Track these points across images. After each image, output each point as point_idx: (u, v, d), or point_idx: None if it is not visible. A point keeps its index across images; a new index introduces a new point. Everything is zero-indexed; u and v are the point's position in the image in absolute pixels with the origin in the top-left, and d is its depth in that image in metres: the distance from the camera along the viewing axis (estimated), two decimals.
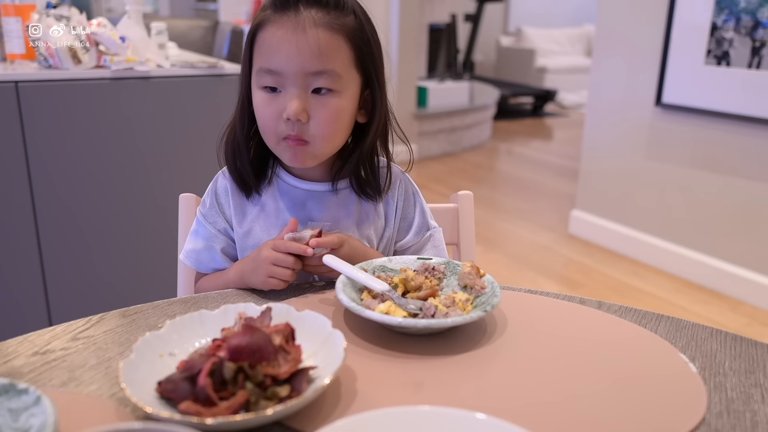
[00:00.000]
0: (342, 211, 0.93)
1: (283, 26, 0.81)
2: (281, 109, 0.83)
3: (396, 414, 0.53)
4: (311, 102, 0.83)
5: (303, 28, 0.80)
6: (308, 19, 0.81)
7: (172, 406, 0.56)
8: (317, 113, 0.83)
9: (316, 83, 0.82)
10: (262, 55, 0.83)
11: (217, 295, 0.84)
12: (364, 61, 0.86)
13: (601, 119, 3.03)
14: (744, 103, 2.37)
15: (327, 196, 0.93)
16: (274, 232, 0.92)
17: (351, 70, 0.85)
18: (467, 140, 5.19)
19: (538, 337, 0.73)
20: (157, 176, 1.91)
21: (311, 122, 0.83)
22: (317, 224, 0.91)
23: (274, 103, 0.84)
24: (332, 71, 0.82)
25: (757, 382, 0.64)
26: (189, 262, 0.96)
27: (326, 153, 0.88)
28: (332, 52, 0.82)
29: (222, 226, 0.94)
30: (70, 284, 1.86)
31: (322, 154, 0.88)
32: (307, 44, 0.80)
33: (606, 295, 2.55)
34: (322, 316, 0.68)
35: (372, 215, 0.95)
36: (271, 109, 0.84)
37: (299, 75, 0.81)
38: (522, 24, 7.86)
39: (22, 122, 1.71)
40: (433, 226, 0.99)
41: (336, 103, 0.84)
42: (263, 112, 0.85)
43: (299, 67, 0.81)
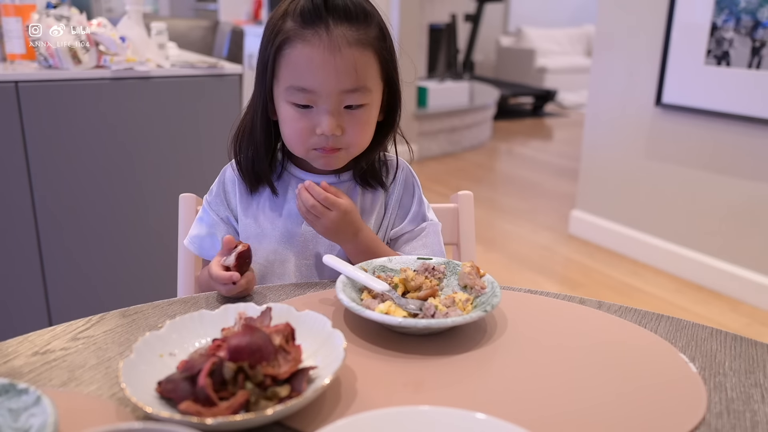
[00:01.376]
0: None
1: (316, 46, 0.81)
2: (313, 125, 0.84)
3: (396, 414, 0.53)
4: (344, 116, 0.85)
5: (338, 48, 0.81)
6: (341, 38, 0.81)
7: (172, 406, 0.56)
8: (350, 126, 0.85)
9: (350, 100, 0.84)
10: (293, 73, 0.83)
11: (217, 295, 0.84)
12: (387, 69, 0.88)
13: (601, 119, 3.03)
14: (744, 103, 2.37)
15: None
16: (278, 222, 0.93)
17: (378, 82, 0.87)
18: (467, 140, 5.19)
19: (538, 337, 0.73)
20: (157, 176, 1.91)
21: (345, 135, 0.86)
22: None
23: (306, 119, 0.85)
24: (365, 87, 0.84)
25: (757, 382, 0.64)
26: (192, 247, 0.97)
27: (356, 154, 0.91)
28: (365, 69, 0.84)
29: (225, 214, 0.96)
30: (70, 284, 1.86)
31: (353, 155, 0.91)
32: (344, 65, 0.81)
33: (606, 295, 2.55)
34: (322, 316, 0.68)
35: (373, 205, 0.96)
36: (302, 124, 0.85)
37: (334, 94, 0.83)
38: (522, 24, 7.86)
39: (22, 122, 1.71)
40: (431, 218, 0.99)
41: (367, 114, 0.86)
42: (293, 126, 0.86)
43: (336, 87, 0.82)
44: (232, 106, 2.00)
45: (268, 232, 0.93)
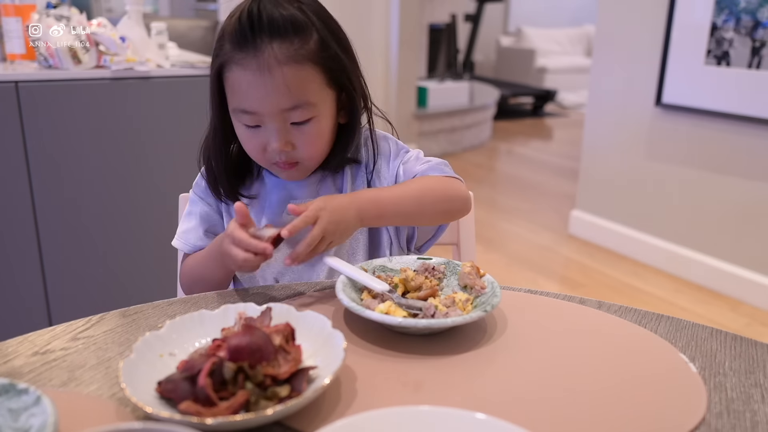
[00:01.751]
0: (322, 188, 0.95)
1: (247, 67, 0.80)
2: (264, 143, 0.85)
3: (396, 414, 0.53)
4: (292, 133, 0.85)
5: (268, 68, 0.79)
6: (271, 58, 0.79)
7: (172, 406, 0.56)
8: (300, 141, 0.85)
9: (293, 117, 0.83)
10: (234, 96, 0.84)
11: (217, 295, 0.84)
12: (335, 76, 0.85)
13: (601, 119, 3.03)
14: (744, 103, 2.37)
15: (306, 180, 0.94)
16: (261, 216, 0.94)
17: (324, 91, 0.85)
18: (467, 140, 5.19)
19: (538, 337, 0.73)
20: (157, 176, 1.91)
21: (297, 149, 0.86)
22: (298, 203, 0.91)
23: (257, 137, 0.85)
24: (306, 103, 0.83)
25: (757, 382, 0.64)
26: (179, 243, 0.96)
27: (318, 162, 0.91)
28: (301, 86, 0.81)
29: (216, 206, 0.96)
30: (70, 284, 1.86)
31: (313, 165, 0.91)
32: (274, 85, 0.80)
33: (606, 295, 2.55)
34: (322, 316, 0.68)
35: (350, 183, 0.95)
36: (254, 143, 0.86)
37: (275, 113, 0.82)
38: (522, 24, 7.86)
39: (22, 122, 1.71)
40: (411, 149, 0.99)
41: (316, 127, 0.85)
42: (248, 145, 0.87)
43: (274, 106, 0.82)
44: None
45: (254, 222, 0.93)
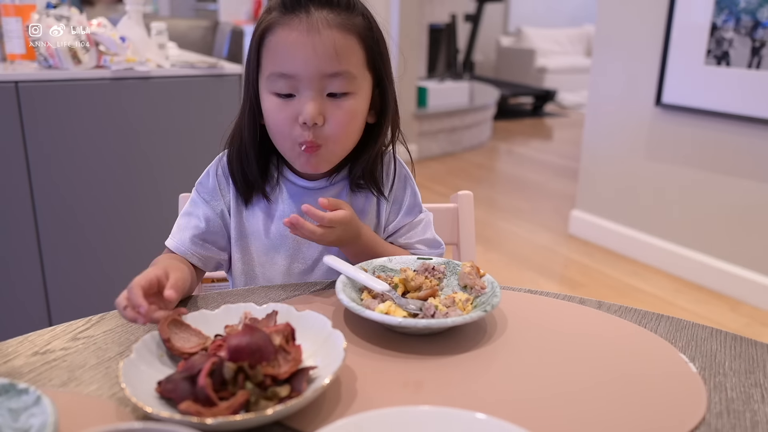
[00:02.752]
0: None
1: (295, 28, 0.79)
2: (296, 113, 0.82)
3: (396, 414, 0.53)
4: (327, 105, 0.82)
5: (317, 30, 0.79)
6: (321, 21, 0.79)
7: (172, 406, 0.56)
8: (333, 116, 0.82)
9: (332, 86, 0.81)
10: (273, 60, 0.82)
11: (217, 295, 0.84)
12: (375, 61, 0.85)
13: (601, 119, 3.03)
14: (744, 103, 2.37)
15: (322, 192, 0.92)
16: (271, 224, 0.92)
17: (364, 71, 0.84)
18: (467, 140, 5.19)
19: (538, 337, 0.73)
20: (157, 176, 1.91)
21: (326, 125, 0.82)
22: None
23: (289, 108, 0.82)
24: (348, 72, 0.81)
25: (757, 382, 0.64)
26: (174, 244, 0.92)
27: (339, 156, 0.88)
28: (347, 53, 0.81)
29: (220, 208, 0.92)
30: (70, 284, 1.86)
31: (335, 157, 0.87)
32: (323, 46, 0.79)
33: (606, 295, 2.55)
34: (322, 316, 0.68)
35: (365, 207, 0.94)
36: (285, 114, 0.82)
37: (315, 78, 0.80)
38: (522, 24, 7.86)
39: (22, 122, 1.71)
40: (425, 209, 0.98)
41: (351, 104, 0.83)
42: (276, 117, 0.83)
43: (316, 69, 0.80)
44: (232, 106, 1.99)
45: (260, 233, 0.92)
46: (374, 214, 0.95)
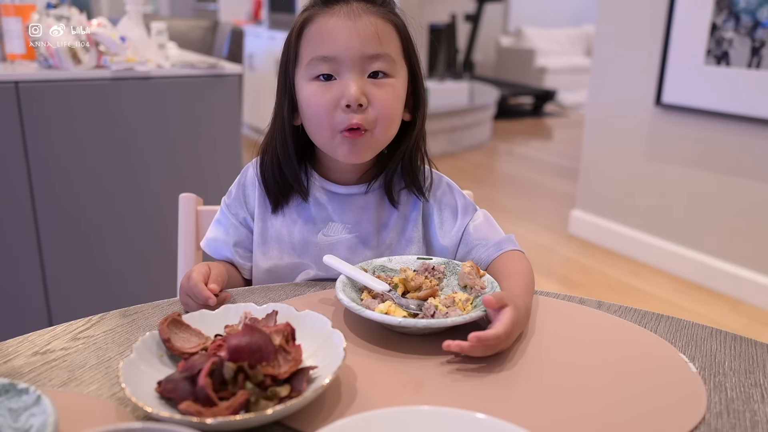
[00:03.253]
0: (363, 215, 0.91)
1: (335, 14, 0.82)
2: (338, 97, 0.81)
3: (396, 414, 0.53)
4: (369, 86, 0.82)
5: (358, 14, 0.82)
6: (361, 8, 0.82)
7: (172, 406, 0.56)
8: (376, 96, 0.82)
9: (374, 67, 0.82)
10: (314, 45, 0.83)
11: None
12: (410, 54, 0.87)
13: (601, 119, 3.03)
14: (744, 103, 2.37)
15: (352, 199, 0.91)
16: (295, 229, 0.91)
17: (401, 60, 0.86)
18: (467, 140, 5.19)
19: (538, 337, 0.73)
20: (157, 176, 1.91)
21: (370, 107, 0.82)
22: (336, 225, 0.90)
23: (330, 91, 0.81)
24: (388, 55, 0.83)
25: (757, 382, 0.64)
26: (209, 249, 0.95)
27: (381, 143, 0.86)
28: (387, 37, 0.83)
29: (243, 217, 0.93)
30: (70, 284, 1.86)
31: (378, 144, 0.86)
32: (364, 27, 0.81)
33: (606, 295, 2.55)
34: (322, 316, 0.68)
35: (395, 218, 0.92)
36: (327, 97, 0.81)
37: (357, 59, 0.81)
38: (522, 24, 7.86)
39: (22, 122, 1.71)
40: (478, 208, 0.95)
41: (393, 85, 0.84)
42: (318, 102, 0.82)
43: (358, 49, 0.81)
44: (232, 106, 2.00)
45: (284, 238, 0.91)
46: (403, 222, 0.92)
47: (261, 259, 0.92)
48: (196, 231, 1.07)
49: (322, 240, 0.90)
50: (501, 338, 0.66)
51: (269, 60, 4.77)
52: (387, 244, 0.91)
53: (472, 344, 0.65)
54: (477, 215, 0.93)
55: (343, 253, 0.89)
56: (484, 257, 0.88)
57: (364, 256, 0.89)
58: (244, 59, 3.16)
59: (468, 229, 0.91)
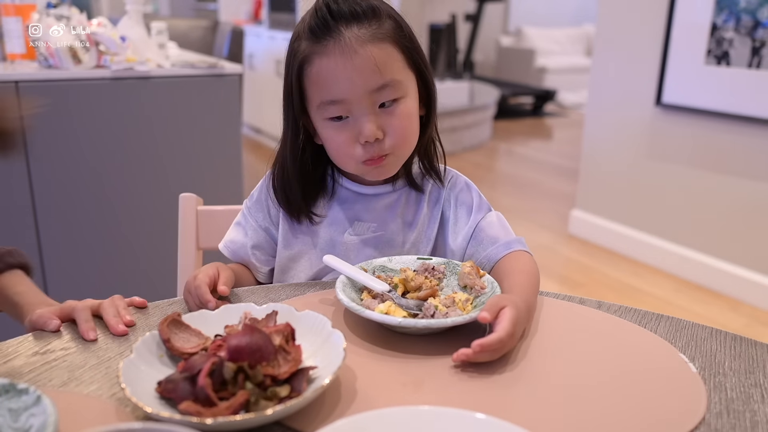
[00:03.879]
0: (389, 214, 0.91)
1: (331, 54, 0.80)
2: (355, 135, 0.82)
3: (396, 414, 0.53)
4: (382, 117, 0.82)
5: (354, 50, 0.79)
6: (354, 39, 0.79)
7: (172, 406, 0.56)
8: (391, 125, 0.83)
9: (382, 98, 0.82)
10: (319, 89, 0.82)
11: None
12: (413, 57, 0.86)
13: (601, 119, 3.03)
14: (744, 103, 2.37)
15: (378, 198, 0.92)
16: (320, 228, 0.91)
17: (407, 72, 0.85)
18: (467, 140, 5.19)
19: (538, 337, 0.73)
20: (157, 176, 1.91)
21: (388, 136, 0.83)
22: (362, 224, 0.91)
23: (346, 130, 0.83)
24: (393, 81, 0.81)
25: (757, 382, 0.64)
26: (227, 251, 0.95)
27: (407, 156, 0.88)
28: (388, 63, 0.81)
29: (264, 223, 0.94)
30: (70, 284, 1.86)
31: (403, 158, 0.88)
32: (363, 63, 0.79)
33: (606, 295, 2.55)
34: (322, 316, 0.68)
35: (419, 214, 0.92)
36: (344, 136, 0.83)
37: (364, 96, 0.81)
38: (522, 24, 7.86)
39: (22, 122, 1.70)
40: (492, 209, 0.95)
41: (404, 108, 0.84)
42: (336, 141, 0.84)
43: (363, 89, 0.80)
44: (232, 106, 2.00)
45: (310, 240, 0.92)
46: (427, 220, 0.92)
47: (288, 261, 0.92)
48: (196, 231, 1.07)
49: (348, 239, 0.91)
50: (504, 341, 0.66)
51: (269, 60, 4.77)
52: (412, 242, 0.91)
53: (476, 351, 0.65)
54: (490, 215, 0.93)
55: (369, 252, 0.90)
56: (492, 255, 0.89)
57: (390, 254, 0.89)
58: (244, 59, 3.16)
59: (480, 225, 0.91)
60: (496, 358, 0.67)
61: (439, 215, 0.93)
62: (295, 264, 0.93)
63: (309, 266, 0.92)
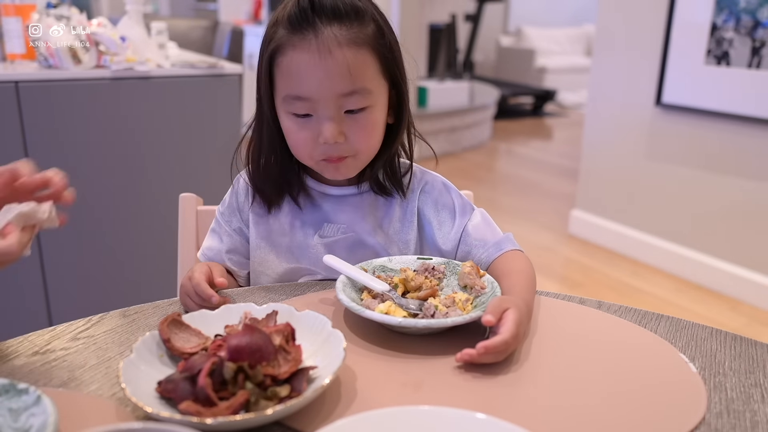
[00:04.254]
0: (358, 214, 0.91)
1: (305, 50, 0.77)
2: (315, 134, 0.81)
3: (396, 414, 0.53)
4: (345, 122, 0.81)
5: (328, 50, 0.77)
6: (331, 40, 0.77)
7: (172, 406, 0.56)
8: (353, 132, 0.81)
9: (349, 104, 0.80)
10: (287, 82, 0.80)
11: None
12: (389, 67, 0.83)
13: (601, 119, 3.03)
14: (744, 103, 2.37)
15: (345, 199, 0.91)
16: (289, 231, 0.91)
17: (379, 81, 0.82)
18: (467, 140, 5.19)
19: (538, 337, 0.73)
20: (157, 176, 1.91)
21: (348, 141, 0.82)
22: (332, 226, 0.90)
23: (307, 128, 0.81)
24: (363, 89, 0.79)
25: (757, 382, 0.64)
26: (204, 259, 0.95)
27: (366, 162, 0.87)
28: (361, 70, 0.79)
29: (237, 225, 0.94)
30: (70, 284, 1.86)
31: (362, 164, 0.87)
32: (336, 66, 0.77)
33: (606, 295, 2.55)
34: (322, 316, 0.68)
35: (390, 218, 0.92)
36: (304, 134, 0.82)
37: (331, 99, 0.79)
38: (522, 24, 7.86)
39: (22, 122, 1.71)
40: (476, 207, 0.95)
41: (370, 118, 0.82)
42: (296, 137, 0.83)
43: (331, 91, 0.78)
44: (232, 106, 2.00)
45: (280, 242, 0.91)
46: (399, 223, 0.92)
47: (258, 265, 0.93)
48: (196, 231, 1.07)
49: (318, 242, 0.90)
50: (509, 343, 0.66)
51: None
52: (383, 244, 0.91)
53: (480, 353, 0.65)
54: (475, 215, 0.93)
55: (340, 253, 0.89)
56: (484, 258, 0.88)
57: (361, 256, 0.89)
58: (244, 59, 3.16)
59: (467, 229, 0.91)
60: (500, 359, 0.67)
61: (414, 219, 0.92)
62: (265, 267, 0.92)
63: (280, 269, 0.91)
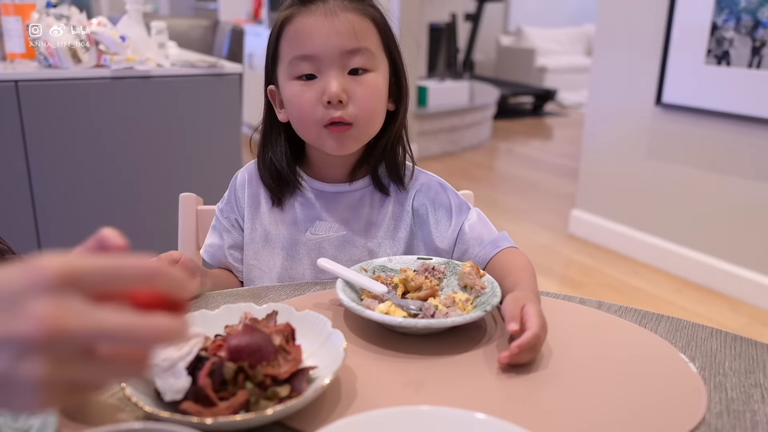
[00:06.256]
0: (351, 213, 0.91)
1: (312, 14, 0.82)
2: (320, 93, 0.83)
3: (396, 414, 0.53)
4: (349, 83, 0.83)
5: (334, 12, 0.82)
6: (338, 6, 0.83)
7: (172, 406, 0.56)
8: (356, 92, 0.83)
9: (353, 63, 0.83)
10: (294, 45, 0.84)
11: (217, 295, 0.84)
12: (389, 46, 0.87)
13: (601, 119, 3.03)
14: (744, 102, 2.37)
15: (339, 197, 0.92)
16: (282, 227, 0.92)
17: (381, 52, 0.86)
18: (467, 140, 5.19)
19: None
20: (157, 176, 1.91)
21: (352, 102, 0.83)
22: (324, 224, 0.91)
23: (312, 89, 0.83)
24: (367, 49, 0.83)
25: (757, 382, 0.64)
26: (206, 256, 0.97)
27: (368, 134, 0.88)
28: (365, 32, 0.83)
29: (235, 219, 0.96)
30: None
31: (365, 135, 0.87)
32: (342, 26, 0.82)
33: (606, 295, 2.55)
34: (322, 316, 0.68)
35: (383, 217, 0.92)
36: (309, 95, 0.83)
37: (336, 55, 0.82)
38: (522, 23, 7.86)
39: (22, 121, 1.71)
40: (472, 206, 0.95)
41: (373, 80, 0.85)
42: (300, 100, 0.84)
43: (336, 46, 0.82)
44: (232, 105, 2.00)
45: (273, 238, 0.92)
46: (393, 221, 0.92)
47: (251, 258, 0.93)
48: (196, 231, 1.07)
49: (309, 238, 0.91)
50: (539, 334, 0.66)
51: None
52: (375, 243, 0.91)
53: (514, 353, 0.65)
54: (471, 214, 0.93)
55: (331, 251, 0.90)
56: (482, 256, 0.89)
57: (351, 255, 0.89)
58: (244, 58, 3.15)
59: (463, 228, 0.91)
60: (537, 354, 0.67)
61: (408, 219, 0.92)
62: (259, 261, 0.93)
63: (272, 264, 0.92)
